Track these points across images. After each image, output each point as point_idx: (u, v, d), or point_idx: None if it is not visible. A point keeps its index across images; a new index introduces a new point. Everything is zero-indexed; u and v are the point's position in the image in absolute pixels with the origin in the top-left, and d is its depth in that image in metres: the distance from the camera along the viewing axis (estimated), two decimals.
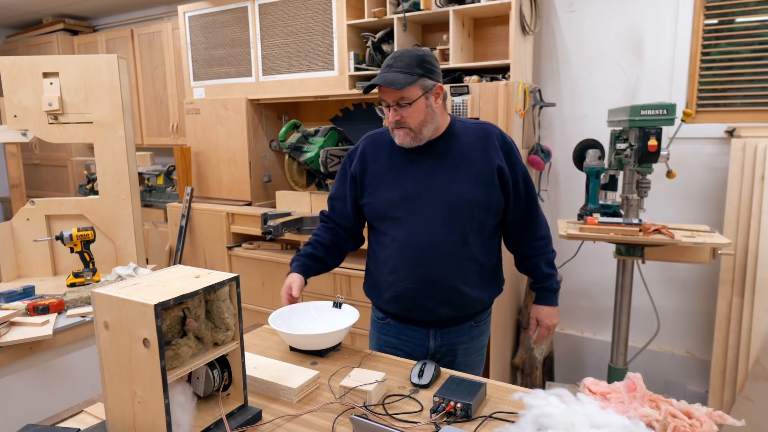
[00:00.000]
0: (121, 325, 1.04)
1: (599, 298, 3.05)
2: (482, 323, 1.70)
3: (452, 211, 1.52)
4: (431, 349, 1.64)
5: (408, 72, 1.46)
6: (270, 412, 1.25)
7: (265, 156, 3.46)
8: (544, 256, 1.69)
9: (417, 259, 1.54)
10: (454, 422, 1.19)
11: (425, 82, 1.48)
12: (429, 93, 1.50)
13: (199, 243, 3.41)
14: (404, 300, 1.59)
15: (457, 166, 1.54)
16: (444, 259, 1.53)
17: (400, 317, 1.65)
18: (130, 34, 4.38)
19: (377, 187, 1.60)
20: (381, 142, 1.65)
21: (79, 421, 1.24)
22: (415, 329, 1.64)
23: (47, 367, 1.86)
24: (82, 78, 2.38)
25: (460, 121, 1.63)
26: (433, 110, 1.52)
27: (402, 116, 1.49)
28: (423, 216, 1.53)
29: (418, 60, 1.48)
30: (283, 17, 3.11)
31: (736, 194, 2.46)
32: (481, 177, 1.53)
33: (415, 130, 1.51)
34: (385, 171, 1.60)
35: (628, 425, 0.99)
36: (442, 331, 1.63)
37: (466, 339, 1.66)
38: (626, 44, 2.80)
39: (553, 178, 3.08)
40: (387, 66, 1.49)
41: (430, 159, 1.56)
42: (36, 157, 5.11)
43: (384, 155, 1.62)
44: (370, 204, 1.62)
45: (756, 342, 2.38)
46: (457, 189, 1.52)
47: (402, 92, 1.46)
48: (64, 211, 2.45)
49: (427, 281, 1.55)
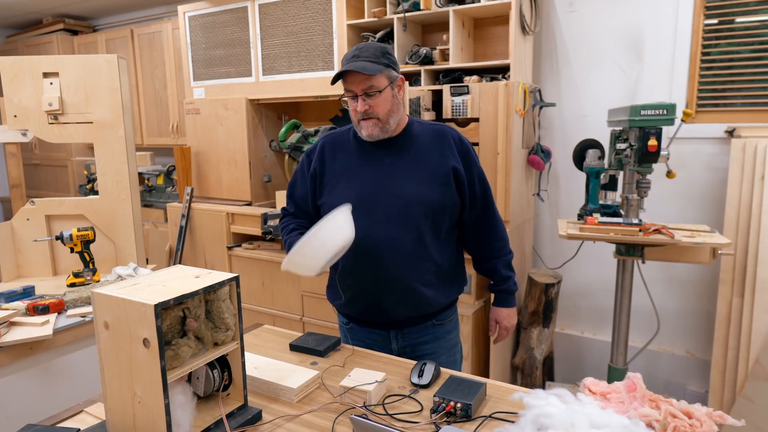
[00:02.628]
0: (121, 325, 1.04)
1: (599, 298, 3.05)
2: (447, 321, 1.68)
3: (407, 212, 1.52)
4: (395, 350, 1.64)
5: (375, 61, 1.47)
6: (270, 412, 1.25)
7: (265, 156, 3.46)
8: (502, 258, 1.70)
9: (372, 260, 1.54)
10: (454, 422, 1.19)
11: (390, 72, 1.51)
12: (394, 84, 1.52)
13: (199, 243, 3.41)
14: (361, 301, 1.61)
15: (412, 167, 1.55)
16: (399, 259, 1.53)
17: (361, 320, 1.66)
18: (130, 34, 4.38)
19: (334, 187, 1.60)
20: (339, 142, 1.65)
21: (79, 421, 1.24)
22: (377, 332, 1.65)
23: (47, 367, 1.86)
24: (82, 78, 2.38)
25: (418, 122, 1.64)
26: (398, 101, 1.54)
27: (370, 105, 1.49)
28: (378, 216, 1.53)
29: (382, 51, 1.51)
30: (283, 17, 3.11)
31: (736, 194, 2.46)
32: (436, 177, 1.54)
33: (383, 119, 1.51)
34: (342, 171, 1.60)
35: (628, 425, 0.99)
36: (403, 331, 1.63)
37: (430, 338, 1.65)
38: (626, 44, 2.80)
39: (553, 178, 3.08)
40: (353, 56, 1.49)
41: (386, 158, 1.57)
42: (36, 157, 5.11)
43: (342, 155, 1.62)
44: (327, 204, 1.60)
45: (756, 342, 2.38)
46: (412, 189, 1.53)
47: (371, 80, 1.47)
48: (64, 211, 2.45)
49: (382, 282, 1.55)
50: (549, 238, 3.15)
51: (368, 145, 1.59)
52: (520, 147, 2.69)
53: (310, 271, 1.38)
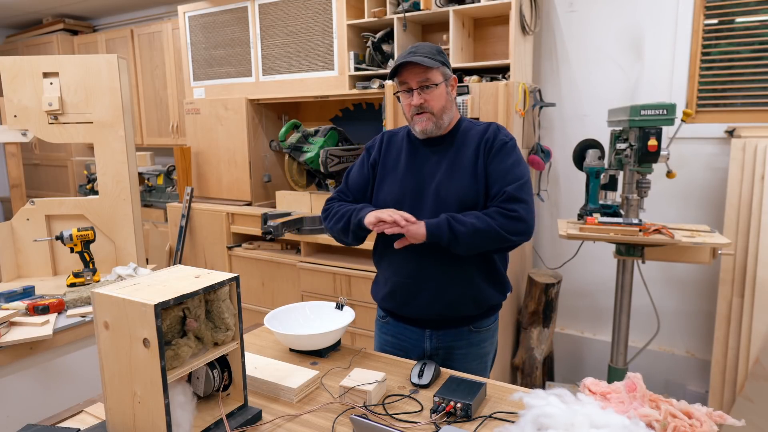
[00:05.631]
0: (121, 325, 1.04)
1: (599, 298, 3.05)
2: (484, 330, 1.66)
3: (446, 209, 1.52)
4: (427, 350, 1.64)
5: (431, 57, 1.51)
6: (270, 412, 1.25)
7: (265, 156, 3.46)
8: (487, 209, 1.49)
9: (412, 254, 1.55)
10: (454, 422, 1.19)
11: (445, 70, 1.55)
12: (448, 82, 1.57)
13: (199, 243, 3.41)
14: (398, 295, 1.61)
15: (454, 165, 1.56)
16: (437, 256, 1.54)
17: (397, 315, 1.67)
18: (130, 34, 4.38)
19: (383, 182, 1.65)
20: (395, 139, 1.69)
21: (79, 421, 1.24)
22: (412, 329, 1.65)
23: (47, 367, 1.86)
24: (82, 78, 2.38)
25: (469, 121, 1.66)
26: (452, 99, 1.58)
27: (426, 100, 1.52)
28: (420, 212, 1.54)
29: (438, 49, 1.56)
30: (283, 17, 3.11)
31: (736, 194, 2.46)
32: (473, 176, 1.55)
33: (437, 114, 1.54)
34: (393, 167, 1.65)
35: (628, 425, 0.99)
36: (438, 332, 1.63)
37: (464, 344, 1.64)
38: (626, 44, 2.80)
39: (553, 178, 3.08)
40: (410, 52, 1.53)
41: (433, 156, 1.59)
42: (36, 157, 5.11)
43: (394, 151, 1.67)
44: (376, 199, 1.66)
45: (756, 342, 2.38)
46: (451, 187, 1.54)
47: (428, 73, 1.51)
48: (64, 211, 2.45)
49: (419, 277, 1.56)
50: (549, 238, 3.15)
51: (418, 143, 1.62)
52: (520, 147, 2.68)
53: None
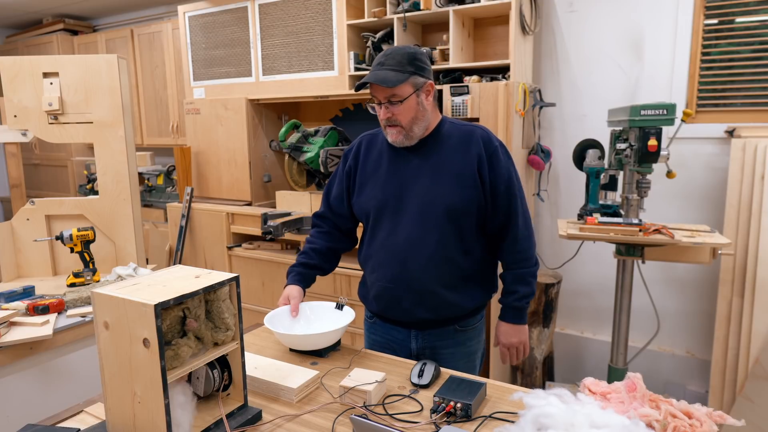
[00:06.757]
0: (121, 325, 1.04)
1: (599, 298, 3.05)
2: (470, 329, 1.66)
3: (429, 213, 1.52)
4: (414, 350, 1.64)
5: (399, 70, 1.47)
6: (270, 412, 1.25)
7: (265, 156, 3.46)
8: (514, 271, 1.62)
9: (394, 259, 1.55)
10: (454, 422, 1.19)
11: (416, 79, 1.49)
12: (420, 90, 1.51)
13: (199, 243, 3.41)
14: (383, 299, 1.61)
15: (437, 168, 1.54)
16: (421, 261, 1.53)
17: (383, 317, 1.67)
18: (130, 34, 4.38)
19: (364, 187, 1.63)
20: (374, 142, 1.67)
21: (79, 421, 1.24)
22: (398, 329, 1.65)
23: (47, 367, 1.86)
24: (82, 78, 2.38)
25: (451, 122, 1.61)
26: (424, 107, 1.53)
27: (393, 113, 1.50)
28: (403, 217, 1.54)
29: (410, 57, 1.49)
30: (283, 17, 3.11)
31: (736, 194, 2.46)
32: (460, 179, 1.52)
33: (406, 127, 1.51)
34: (373, 171, 1.62)
35: (628, 425, 0.99)
36: (424, 333, 1.63)
37: (450, 343, 1.64)
38: (626, 44, 2.80)
39: (553, 178, 3.08)
40: (378, 64, 1.50)
41: (414, 159, 1.57)
42: (36, 157, 5.11)
43: (374, 155, 1.64)
44: (357, 203, 1.65)
45: (756, 342, 2.38)
46: (435, 191, 1.52)
47: (393, 90, 1.47)
48: (64, 211, 2.45)
49: (403, 282, 1.55)
50: (549, 238, 3.15)
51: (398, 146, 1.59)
52: (520, 147, 2.69)
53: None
